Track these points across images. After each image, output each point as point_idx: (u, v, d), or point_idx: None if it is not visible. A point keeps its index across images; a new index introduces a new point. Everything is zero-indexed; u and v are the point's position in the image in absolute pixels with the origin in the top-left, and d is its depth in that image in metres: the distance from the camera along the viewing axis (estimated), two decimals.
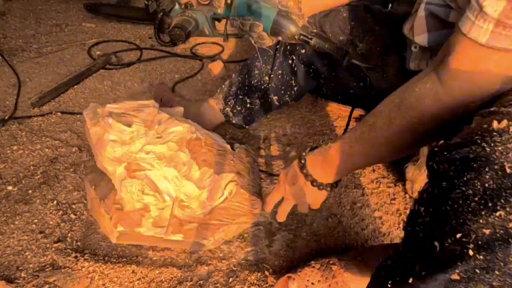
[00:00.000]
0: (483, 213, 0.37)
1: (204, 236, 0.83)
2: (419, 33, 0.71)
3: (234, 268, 0.82)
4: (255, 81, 1.05)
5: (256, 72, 1.05)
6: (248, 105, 1.09)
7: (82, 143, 1.14)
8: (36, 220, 0.90)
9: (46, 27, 1.88)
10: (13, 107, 1.28)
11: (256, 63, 1.04)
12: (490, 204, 0.36)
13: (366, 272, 0.74)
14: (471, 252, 0.36)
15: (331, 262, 0.76)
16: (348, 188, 1.03)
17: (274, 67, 1.02)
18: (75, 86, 1.42)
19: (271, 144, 1.16)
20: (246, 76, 1.07)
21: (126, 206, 0.79)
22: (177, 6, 2.03)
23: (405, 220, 0.48)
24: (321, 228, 0.92)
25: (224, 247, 0.86)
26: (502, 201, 0.36)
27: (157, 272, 0.80)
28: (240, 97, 1.08)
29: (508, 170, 0.37)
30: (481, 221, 0.37)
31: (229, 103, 1.10)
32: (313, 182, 0.69)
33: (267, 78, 1.04)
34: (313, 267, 0.76)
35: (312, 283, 0.73)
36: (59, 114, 1.26)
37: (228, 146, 0.93)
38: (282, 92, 1.06)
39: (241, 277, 0.80)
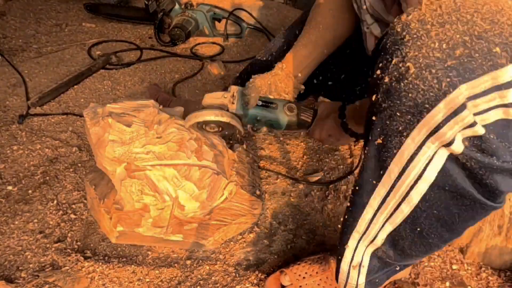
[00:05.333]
0: (386, 66, 0.46)
1: (204, 236, 0.83)
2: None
3: (234, 268, 0.82)
4: None
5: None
6: None
7: (82, 143, 1.14)
8: (36, 220, 0.90)
9: (46, 27, 1.87)
10: (14, 106, 1.28)
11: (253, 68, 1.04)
12: (388, 57, 0.46)
13: None
14: (380, 101, 0.47)
15: (327, 257, 0.76)
16: (348, 187, 1.02)
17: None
18: (75, 86, 1.42)
19: (271, 144, 1.16)
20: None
21: (126, 206, 0.79)
22: (177, 6, 2.03)
23: None
24: (321, 228, 0.92)
25: (224, 247, 0.86)
26: (398, 51, 0.45)
27: (157, 272, 0.80)
28: None
29: (398, 29, 0.46)
30: (382, 72, 0.47)
31: None
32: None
33: None
34: (305, 262, 0.76)
35: (304, 278, 0.74)
36: (59, 114, 1.26)
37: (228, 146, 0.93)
38: None
39: (241, 277, 0.80)
